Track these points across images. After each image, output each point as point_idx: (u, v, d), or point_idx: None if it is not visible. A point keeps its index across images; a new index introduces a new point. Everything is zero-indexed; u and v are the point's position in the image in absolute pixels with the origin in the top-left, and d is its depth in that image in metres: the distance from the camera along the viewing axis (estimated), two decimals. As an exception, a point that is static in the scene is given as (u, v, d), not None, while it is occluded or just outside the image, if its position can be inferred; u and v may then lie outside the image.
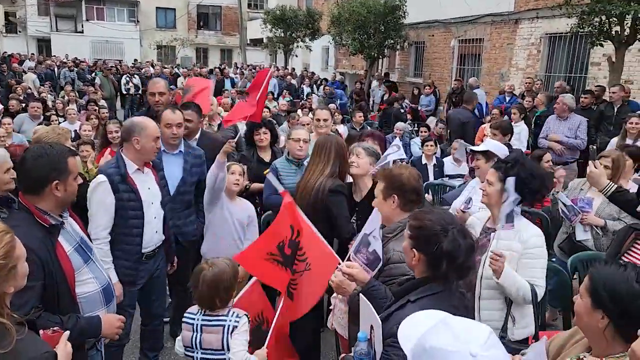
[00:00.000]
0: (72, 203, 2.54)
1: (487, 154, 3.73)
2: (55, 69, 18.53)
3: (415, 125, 10.61)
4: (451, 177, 6.75)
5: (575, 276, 3.94)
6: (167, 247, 3.65)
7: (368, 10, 15.10)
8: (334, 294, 2.86)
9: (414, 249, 2.08)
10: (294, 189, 3.73)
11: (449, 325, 1.38)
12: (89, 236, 2.73)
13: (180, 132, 3.91)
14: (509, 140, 5.62)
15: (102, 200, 3.13)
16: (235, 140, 4.57)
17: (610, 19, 8.17)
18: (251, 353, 2.62)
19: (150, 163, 3.45)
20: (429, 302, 1.95)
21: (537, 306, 2.70)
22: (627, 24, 8.13)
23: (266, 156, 5.00)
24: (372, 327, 2.12)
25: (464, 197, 4.07)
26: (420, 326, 1.44)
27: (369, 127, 9.56)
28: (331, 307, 3.02)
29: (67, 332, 2.05)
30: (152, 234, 3.40)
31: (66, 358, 1.95)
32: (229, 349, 2.57)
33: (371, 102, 15.92)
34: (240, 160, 4.69)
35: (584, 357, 1.81)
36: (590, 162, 3.53)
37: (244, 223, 4.07)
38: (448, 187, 6.24)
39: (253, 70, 22.00)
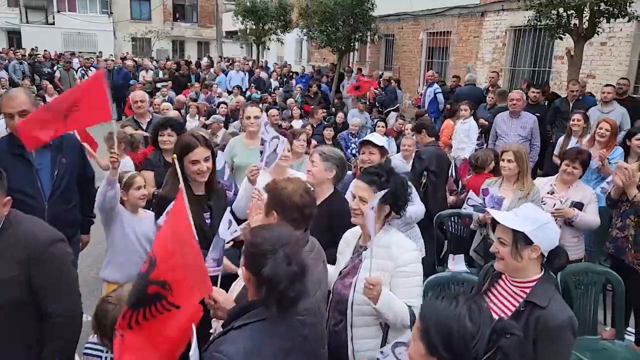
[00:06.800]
0: None
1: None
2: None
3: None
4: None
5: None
6: None
7: (335, 3, 14.75)
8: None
9: (244, 267, 1.83)
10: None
11: None
12: None
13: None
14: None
15: None
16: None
17: (569, 12, 7.95)
18: None
19: None
20: (254, 328, 1.74)
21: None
22: (585, 16, 7.91)
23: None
24: None
25: None
26: None
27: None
28: (211, 331, 2.77)
29: None
30: None
31: None
32: None
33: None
34: (145, 165, 4.24)
35: None
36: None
37: (150, 237, 3.50)
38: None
39: (227, 63, 21.51)
